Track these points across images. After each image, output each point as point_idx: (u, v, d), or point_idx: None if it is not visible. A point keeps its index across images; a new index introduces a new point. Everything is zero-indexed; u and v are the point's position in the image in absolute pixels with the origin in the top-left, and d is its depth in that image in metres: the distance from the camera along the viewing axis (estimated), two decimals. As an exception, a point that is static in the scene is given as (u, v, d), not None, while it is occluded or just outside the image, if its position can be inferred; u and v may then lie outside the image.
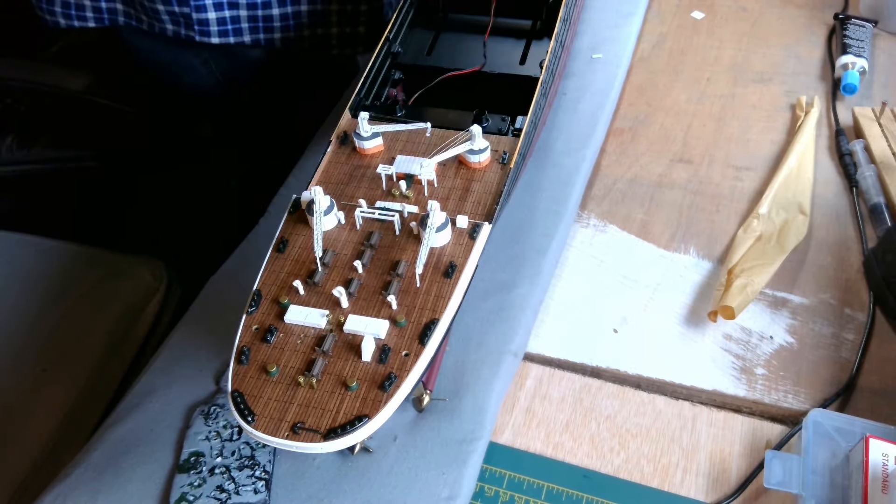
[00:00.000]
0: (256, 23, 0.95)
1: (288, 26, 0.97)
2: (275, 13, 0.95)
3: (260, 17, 0.95)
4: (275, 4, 0.94)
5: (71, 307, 0.83)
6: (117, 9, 0.98)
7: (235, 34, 0.95)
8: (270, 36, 0.97)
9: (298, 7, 0.97)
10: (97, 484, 0.53)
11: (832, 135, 0.77)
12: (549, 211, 0.67)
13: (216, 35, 0.95)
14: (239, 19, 0.94)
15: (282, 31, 0.97)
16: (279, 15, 0.95)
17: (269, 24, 0.96)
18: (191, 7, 0.91)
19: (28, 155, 1.10)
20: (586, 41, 0.85)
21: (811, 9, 0.93)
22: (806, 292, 0.64)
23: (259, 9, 0.94)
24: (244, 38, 0.96)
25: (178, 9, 0.92)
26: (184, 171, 1.16)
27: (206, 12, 0.92)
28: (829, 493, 0.50)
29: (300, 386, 0.46)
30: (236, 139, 1.16)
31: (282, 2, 0.95)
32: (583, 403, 0.58)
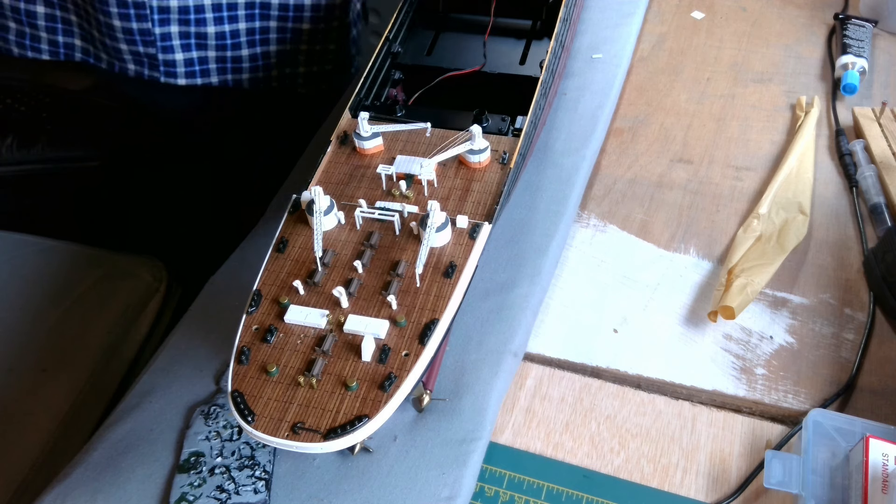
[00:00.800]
0: (225, 63, 0.94)
1: (256, 66, 0.96)
2: (244, 54, 0.94)
3: (229, 58, 0.94)
4: (244, 45, 0.93)
5: (71, 307, 0.83)
6: (75, 45, 0.95)
7: (203, 75, 0.94)
8: (238, 77, 0.96)
9: (267, 48, 0.96)
10: (97, 484, 0.53)
11: (832, 135, 0.77)
12: (549, 211, 0.67)
13: (183, 76, 0.93)
14: (207, 60, 0.93)
15: (250, 72, 0.96)
16: (248, 56, 0.94)
17: (237, 66, 0.95)
18: (157, 48, 0.90)
19: (28, 155, 1.10)
20: (586, 41, 0.85)
21: (811, 9, 0.93)
22: (806, 292, 0.64)
23: (228, 50, 0.93)
24: (211, 80, 0.94)
25: (143, 49, 0.90)
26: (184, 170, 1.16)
27: (174, 53, 0.91)
28: (829, 493, 0.50)
29: (300, 386, 0.46)
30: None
31: (251, 43, 0.94)
32: (583, 403, 0.58)
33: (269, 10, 0.94)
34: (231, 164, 1.16)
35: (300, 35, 0.98)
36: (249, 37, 0.93)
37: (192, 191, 1.14)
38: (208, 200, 1.14)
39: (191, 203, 1.15)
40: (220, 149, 1.15)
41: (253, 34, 0.94)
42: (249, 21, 0.93)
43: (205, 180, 1.14)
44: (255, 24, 0.94)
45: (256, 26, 0.94)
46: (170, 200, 1.15)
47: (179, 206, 1.16)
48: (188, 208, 1.15)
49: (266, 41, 0.95)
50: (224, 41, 0.92)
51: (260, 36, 0.94)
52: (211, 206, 1.13)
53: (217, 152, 1.16)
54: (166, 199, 1.15)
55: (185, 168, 1.15)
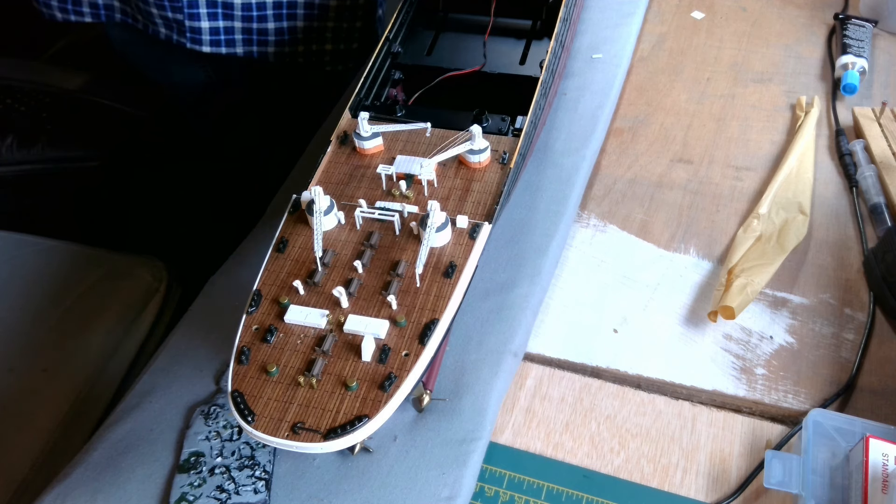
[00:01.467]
0: (251, 35, 0.94)
1: (282, 41, 0.96)
2: (270, 27, 0.94)
3: (255, 29, 0.94)
4: (270, 18, 0.93)
5: (71, 307, 0.83)
6: (114, 5, 0.96)
7: (228, 45, 0.94)
8: (264, 49, 0.96)
9: (294, 23, 0.96)
10: (97, 484, 0.53)
11: (832, 135, 0.77)
12: (549, 211, 0.67)
13: (207, 44, 0.93)
14: (233, 30, 0.93)
15: (276, 46, 0.96)
16: (274, 29, 0.94)
17: (263, 38, 0.95)
18: (184, 14, 0.90)
19: (28, 155, 1.10)
20: (586, 41, 0.85)
21: (811, 9, 0.93)
22: (806, 292, 0.64)
23: (254, 21, 0.93)
24: (237, 50, 0.95)
25: (172, 15, 0.91)
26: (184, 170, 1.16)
27: (200, 21, 0.91)
28: (829, 493, 0.50)
29: (300, 386, 0.46)
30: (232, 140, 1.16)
31: (278, 16, 0.94)
32: (583, 403, 0.58)
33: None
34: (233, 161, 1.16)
35: (327, 11, 0.98)
36: (276, 10, 0.94)
37: (192, 191, 1.14)
38: (208, 200, 1.14)
39: (191, 203, 1.15)
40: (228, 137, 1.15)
41: (280, 7, 0.94)
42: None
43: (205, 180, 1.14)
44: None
45: (284, 0, 0.94)
46: (170, 200, 1.15)
47: (179, 206, 1.16)
48: (188, 208, 1.15)
49: (293, 16, 0.95)
50: (250, 13, 0.92)
51: (287, 10, 0.94)
52: (211, 206, 1.13)
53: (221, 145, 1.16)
54: (166, 199, 1.15)
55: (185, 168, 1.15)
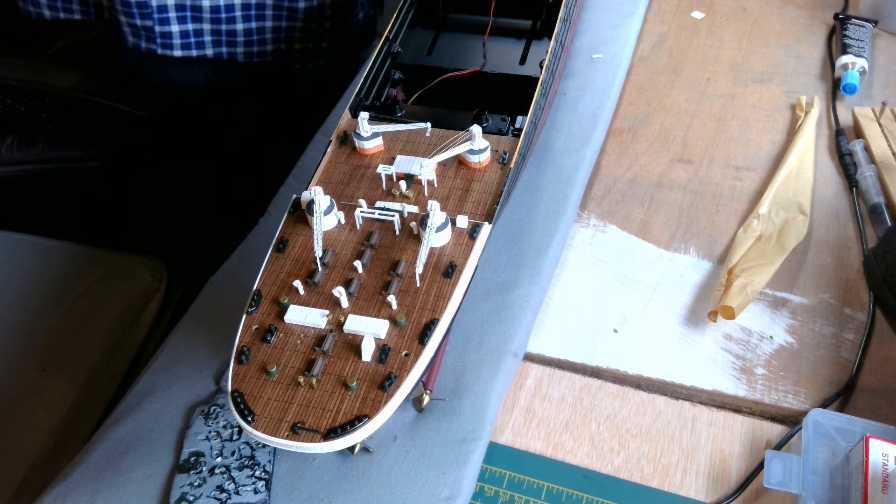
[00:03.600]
0: (220, 37, 0.95)
1: (251, 41, 0.96)
2: (238, 28, 0.94)
3: (223, 31, 0.94)
4: (239, 20, 0.94)
5: (71, 307, 0.83)
6: (104, 3, 0.96)
7: (198, 47, 0.94)
8: (233, 50, 0.96)
9: (263, 23, 0.96)
10: (97, 484, 0.53)
11: (832, 135, 0.77)
12: (549, 211, 0.67)
13: (178, 48, 0.94)
14: (202, 32, 0.94)
15: (244, 46, 0.97)
16: (243, 30, 0.95)
17: (232, 39, 0.95)
18: (154, 20, 0.90)
19: (28, 155, 1.10)
20: (586, 41, 0.85)
21: (811, 9, 0.93)
22: (806, 292, 0.64)
23: (223, 23, 0.93)
24: (206, 52, 0.95)
25: (141, 22, 0.91)
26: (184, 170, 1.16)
27: (170, 25, 0.92)
28: (829, 493, 0.50)
29: (300, 386, 0.46)
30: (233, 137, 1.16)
31: (246, 17, 0.94)
32: (583, 403, 0.58)
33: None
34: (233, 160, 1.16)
35: (295, 13, 0.98)
36: (245, 11, 0.94)
37: (192, 191, 1.14)
38: (208, 200, 1.14)
39: (191, 203, 1.15)
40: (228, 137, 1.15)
41: (248, 9, 0.94)
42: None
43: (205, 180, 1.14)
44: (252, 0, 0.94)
45: (252, 1, 0.94)
46: (170, 200, 1.15)
47: (179, 206, 1.16)
48: (188, 208, 1.15)
49: (262, 17, 0.96)
50: (219, 14, 0.93)
51: (256, 11, 0.95)
52: (211, 205, 1.13)
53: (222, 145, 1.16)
54: (166, 199, 1.15)
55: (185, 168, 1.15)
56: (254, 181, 0.96)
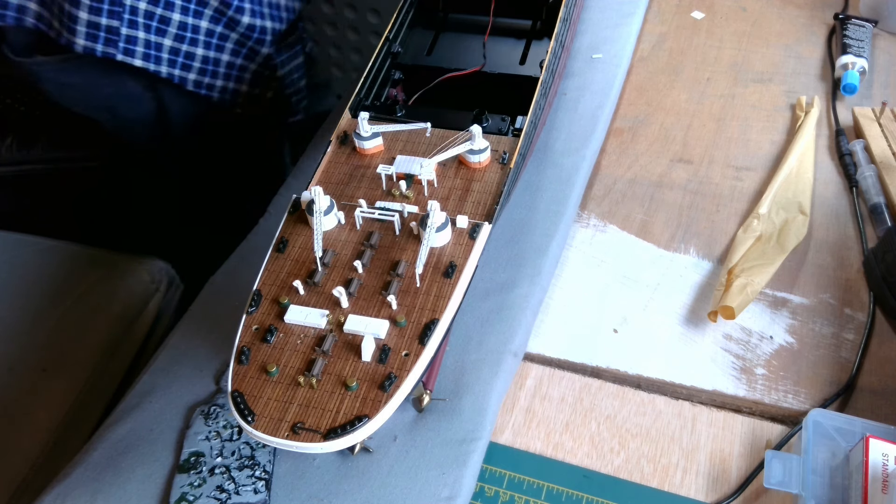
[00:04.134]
0: (177, 57, 0.92)
1: (205, 70, 0.95)
2: (198, 52, 0.93)
3: (183, 52, 0.92)
4: (201, 44, 0.92)
5: (71, 307, 0.83)
6: (28, 8, 0.87)
7: (156, 62, 0.91)
8: (185, 75, 0.94)
9: (220, 55, 0.95)
10: (97, 484, 0.53)
11: (832, 135, 0.77)
12: (549, 211, 0.67)
13: (140, 57, 0.89)
14: (161, 48, 0.91)
15: (198, 74, 0.95)
16: (201, 56, 0.93)
17: (188, 62, 0.93)
18: (123, 20, 0.85)
19: (28, 155, 1.10)
20: (586, 41, 0.85)
21: (811, 9, 0.93)
22: (806, 292, 0.64)
23: (185, 43, 0.91)
24: (161, 69, 0.92)
25: (107, 21, 0.85)
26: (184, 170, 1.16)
27: (137, 30, 0.87)
28: (829, 493, 0.50)
29: (300, 386, 0.46)
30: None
31: (207, 44, 0.93)
32: (583, 403, 0.58)
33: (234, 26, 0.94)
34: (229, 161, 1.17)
35: (255, 53, 0.98)
36: (208, 37, 0.93)
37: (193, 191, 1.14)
38: (208, 200, 1.14)
39: (191, 203, 1.15)
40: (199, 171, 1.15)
41: (212, 36, 0.93)
42: (213, 23, 0.93)
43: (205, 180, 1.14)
44: (218, 28, 0.93)
45: (218, 30, 0.93)
46: (170, 200, 1.15)
47: (179, 205, 1.16)
48: (188, 208, 1.15)
49: (221, 48, 0.95)
50: (185, 33, 0.91)
51: (217, 41, 0.94)
52: (211, 205, 1.13)
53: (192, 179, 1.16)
54: (166, 199, 1.15)
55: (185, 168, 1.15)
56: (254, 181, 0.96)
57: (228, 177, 1.14)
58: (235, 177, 1.14)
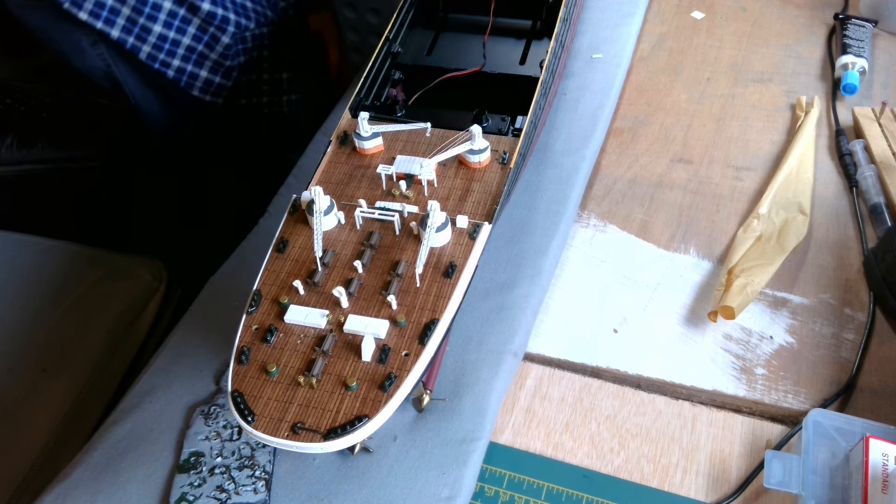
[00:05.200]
0: (133, 26, 0.93)
1: (160, 47, 0.95)
2: (155, 28, 0.93)
3: (140, 23, 0.93)
4: (159, 22, 0.93)
5: (71, 307, 0.83)
6: None
7: (106, 23, 0.92)
8: (139, 45, 0.95)
9: (181, 37, 0.95)
10: (97, 484, 0.53)
11: (832, 135, 0.77)
12: (549, 211, 0.67)
13: (87, 12, 0.91)
14: (117, 13, 0.92)
15: (152, 48, 0.95)
16: (158, 33, 0.94)
17: (143, 35, 0.94)
18: None
19: (28, 155, 1.10)
20: (586, 41, 0.85)
21: (811, 9, 0.93)
22: (806, 292, 0.64)
23: (143, 16, 0.92)
24: (111, 31, 0.93)
25: None
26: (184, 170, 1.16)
27: None
28: (829, 493, 0.50)
29: (300, 386, 0.46)
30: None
31: (168, 24, 0.93)
32: (583, 403, 0.58)
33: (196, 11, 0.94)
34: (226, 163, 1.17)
35: (216, 41, 0.98)
36: (169, 17, 0.93)
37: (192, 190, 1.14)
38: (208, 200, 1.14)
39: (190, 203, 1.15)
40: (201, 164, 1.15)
41: (174, 17, 0.93)
42: (176, 4, 0.94)
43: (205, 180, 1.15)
44: (181, 10, 0.94)
45: (181, 13, 0.94)
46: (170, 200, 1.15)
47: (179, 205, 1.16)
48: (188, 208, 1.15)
49: (182, 30, 0.95)
50: (143, 6, 0.92)
51: (179, 23, 0.94)
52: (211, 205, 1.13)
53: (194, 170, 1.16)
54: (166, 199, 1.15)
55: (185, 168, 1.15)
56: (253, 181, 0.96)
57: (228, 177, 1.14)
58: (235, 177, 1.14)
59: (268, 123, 1.13)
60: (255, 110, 1.10)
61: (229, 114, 1.08)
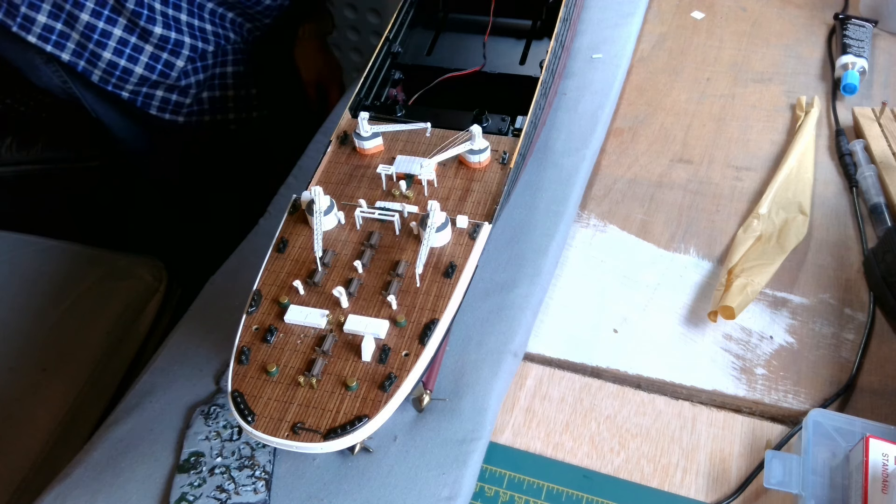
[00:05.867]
0: (83, 51, 0.92)
1: (111, 73, 0.95)
2: (105, 55, 0.93)
3: (89, 49, 0.92)
4: (109, 49, 0.92)
5: (71, 307, 0.83)
6: None
7: (56, 46, 0.92)
8: (90, 69, 0.94)
9: (133, 66, 0.95)
10: (97, 484, 0.53)
11: (832, 135, 0.77)
12: (549, 211, 0.67)
13: (36, 36, 0.91)
14: (67, 37, 0.91)
15: (103, 73, 0.94)
16: (108, 59, 0.93)
17: (93, 60, 0.93)
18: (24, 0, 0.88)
19: (28, 155, 1.10)
20: (586, 41, 0.85)
21: (811, 9, 0.93)
22: (806, 292, 0.64)
23: (91, 42, 0.92)
24: (61, 54, 0.92)
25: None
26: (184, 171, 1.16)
27: (38, 13, 0.89)
28: (829, 493, 0.50)
29: (300, 386, 0.46)
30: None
31: (119, 52, 0.93)
32: (583, 403, 0.58)
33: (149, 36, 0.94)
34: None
35: (171, 67, 0.98)
36: (120, 45, 0.93)
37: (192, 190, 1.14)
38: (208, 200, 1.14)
39: (190, 203, 1.15)
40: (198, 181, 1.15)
41: (125, 45, 0.93)
42: (127, 32, 0.93)
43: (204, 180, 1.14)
44: (132, 38, 0.93)
45: (132, 41, 0.93)
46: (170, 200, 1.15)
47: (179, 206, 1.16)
48: (188, 208, 1.15)
49: (133, 59, 0.94)
50: (92, 34, 0.91)
51: (130, 50, 0.93)
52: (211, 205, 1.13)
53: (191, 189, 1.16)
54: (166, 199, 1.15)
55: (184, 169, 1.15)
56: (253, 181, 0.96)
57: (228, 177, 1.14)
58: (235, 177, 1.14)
59: (236, 140, 1.12)
60: (220, 127, 1.09)
61: (197, 132, 1.07)
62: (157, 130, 1.05)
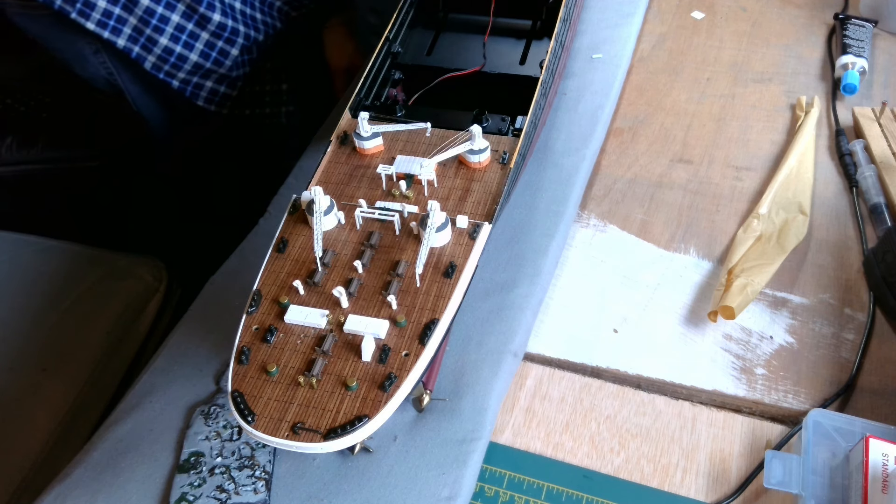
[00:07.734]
0: (139, 35, 0.93)
1: (166, 59, 0.95)
2: (161, 40, 0.93)
3: (146, 34, 0.93)
4: (166, 35, 0.93)
5: (71, 307, 0.83)
6: None
7: (113, 32, 0.92)
8: (144, 54, 0.95)
9: (188, 52, 0.96)
10: (97, 484, 0.53)
11: (832, 135, 0.77)
12: (549, 211, 0.67)
13: (94, 23, 0.91)
14: (124, 21, 0.92)
15: (157, 59, 0.95)
16: (164, 45, 0.94)
17: (149, 45, 0.94)
18: None
19: (28, 155, 1.10)
20: (586, 41, 0.85)
21: (811, 9, 0.93)
22: (806, 292, 0.64)
23: (149, 27, 0.92)
24: (117, 40, 0.93)
25: None
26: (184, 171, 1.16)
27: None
28: (829, 493, 0.50)
29: (300, 386, 0.46)
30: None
31: (175, 38, 0.93)
32: (583, 403, 0.58)
33: (206, 23, 0.95)
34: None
35: (226, 55, 0.98)
36: (177, 31, 0.93)
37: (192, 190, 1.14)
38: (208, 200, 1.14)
39: (190, 203, 1.15)
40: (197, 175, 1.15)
41: (181, 31, 0.93)
42: (185, 18, 0.93)
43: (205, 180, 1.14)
44: (189, 25, 0.94)
45: (189, 27, 0.94)
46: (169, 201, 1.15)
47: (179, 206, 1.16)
48: (188, 208, 1.15)
49: (189, 45, 0.95)
50: (151, 18, 0.92)
51: (186, 37, 0.94)
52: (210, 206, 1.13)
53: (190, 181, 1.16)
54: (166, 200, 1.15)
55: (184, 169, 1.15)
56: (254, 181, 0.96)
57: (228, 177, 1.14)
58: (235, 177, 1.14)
59: (267, 133, 1.13)
60: (256, 120, 1.10)
61: (229, 123, 1.08)
62: (199, 123, 1.06)
